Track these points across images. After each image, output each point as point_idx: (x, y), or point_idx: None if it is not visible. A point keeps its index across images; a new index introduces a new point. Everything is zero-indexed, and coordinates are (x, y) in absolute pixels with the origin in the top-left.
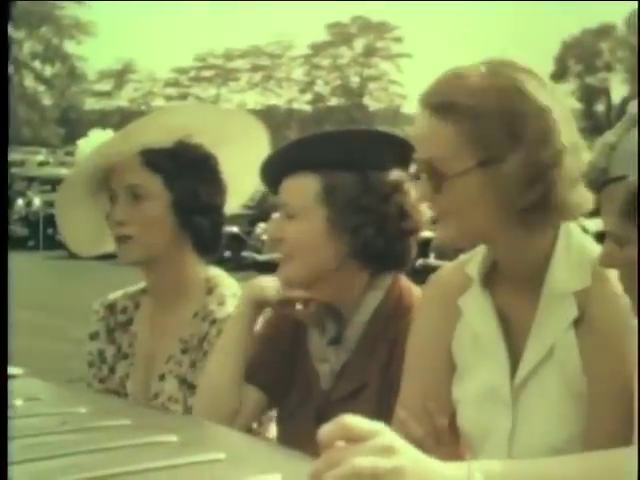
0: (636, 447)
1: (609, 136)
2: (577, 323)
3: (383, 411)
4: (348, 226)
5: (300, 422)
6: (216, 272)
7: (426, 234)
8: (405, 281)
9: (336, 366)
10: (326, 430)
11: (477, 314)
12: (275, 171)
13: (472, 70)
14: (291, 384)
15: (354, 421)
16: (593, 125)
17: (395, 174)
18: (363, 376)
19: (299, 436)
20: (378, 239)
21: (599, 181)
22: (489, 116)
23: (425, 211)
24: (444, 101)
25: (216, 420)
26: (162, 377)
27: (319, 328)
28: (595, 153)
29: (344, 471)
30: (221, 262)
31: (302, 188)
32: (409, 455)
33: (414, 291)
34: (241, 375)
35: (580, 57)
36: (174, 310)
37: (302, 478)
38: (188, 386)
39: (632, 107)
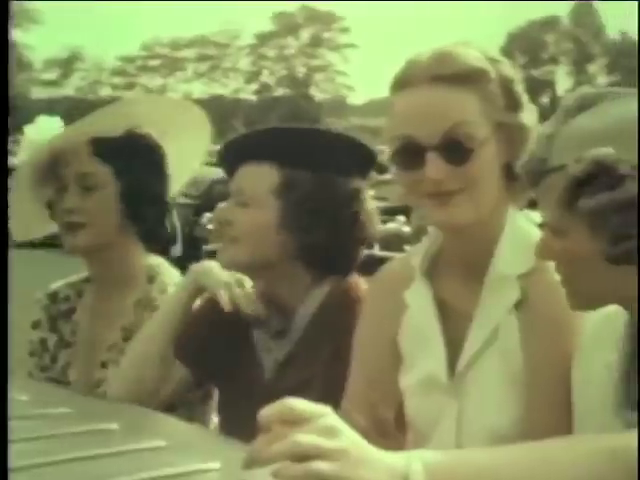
0: (582, 437)
1: (546, 127)
2: (519, 307)
3: (330, 403)
4: (300, 224)
5: (243, 412)
6: (157, 260)
7: None
8: (352, 274)
9: (279, 356)
10: (267, 411)
11: (419, 305)
12: (236, 155)
13: (459, 46)
14: (229, 370)
15: (296, 403)
16: (538, 117)
17: (355, 181)
18: (309, 368)
19: (241, 426)
20: (327, 243)
21: (537, 172)
22: (495, 81)
23: (378, 222)
24: (460, 68)
25: (136, 392)
26: (104, 365)
27: (263, 320)
28: (533, 144)
29: (285, 447)
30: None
31: (260, 177)
32: (352, 439)
33: (361, 285)
34: (167, 353)
35: (525, 49)
36: (116, 298)
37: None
38: None
39: (566, 100)
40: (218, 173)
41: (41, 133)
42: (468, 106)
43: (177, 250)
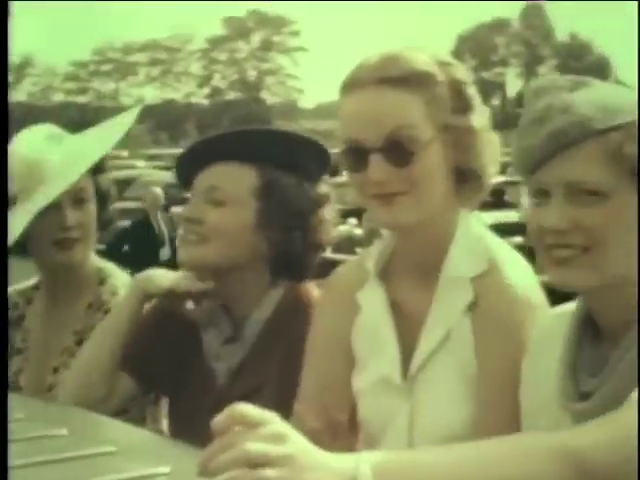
0: (532, 435)
1: (555, 99)
2: (472, 309)
3: (283, 408)
4: (279, 225)
5: (195, 419)
6: (107, 263)
7: None
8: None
9: (233, 364)
10: (219, 418)
11: (372, 307)
12: (200, 157)
13: (408, 49)
14: (178, 378)
15: (246, 409)
16: (490, 119)
17: (325, 187)
18: (262, 374)
19: (193, 433)
20: (296, 246)
21: (576, 138)
22: (443, 84)
23: (333, 230)
24: (406, 71)
25: (85, 397)
26: (56, 370)
27: (213, 327)
28: (555, 111)
29: (234, 456)
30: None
31: (238, 177)
32: (299, 444)
33: (313, 288)
34: (115, 362)
35: (475, 52)
36: (68, 303)
37: (192, 471)
38: None
39: (553, 80)
40: (171, 177)
41: (28, 147)
42: (412, 109)
43: (165, 252)
